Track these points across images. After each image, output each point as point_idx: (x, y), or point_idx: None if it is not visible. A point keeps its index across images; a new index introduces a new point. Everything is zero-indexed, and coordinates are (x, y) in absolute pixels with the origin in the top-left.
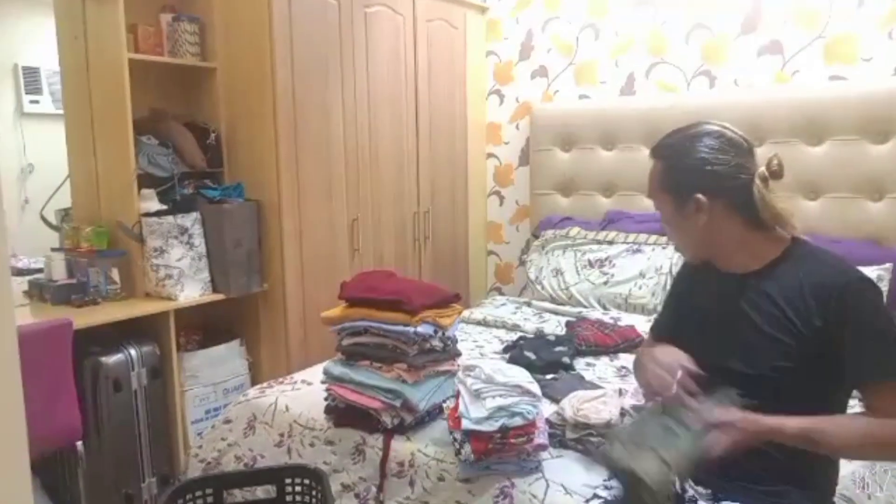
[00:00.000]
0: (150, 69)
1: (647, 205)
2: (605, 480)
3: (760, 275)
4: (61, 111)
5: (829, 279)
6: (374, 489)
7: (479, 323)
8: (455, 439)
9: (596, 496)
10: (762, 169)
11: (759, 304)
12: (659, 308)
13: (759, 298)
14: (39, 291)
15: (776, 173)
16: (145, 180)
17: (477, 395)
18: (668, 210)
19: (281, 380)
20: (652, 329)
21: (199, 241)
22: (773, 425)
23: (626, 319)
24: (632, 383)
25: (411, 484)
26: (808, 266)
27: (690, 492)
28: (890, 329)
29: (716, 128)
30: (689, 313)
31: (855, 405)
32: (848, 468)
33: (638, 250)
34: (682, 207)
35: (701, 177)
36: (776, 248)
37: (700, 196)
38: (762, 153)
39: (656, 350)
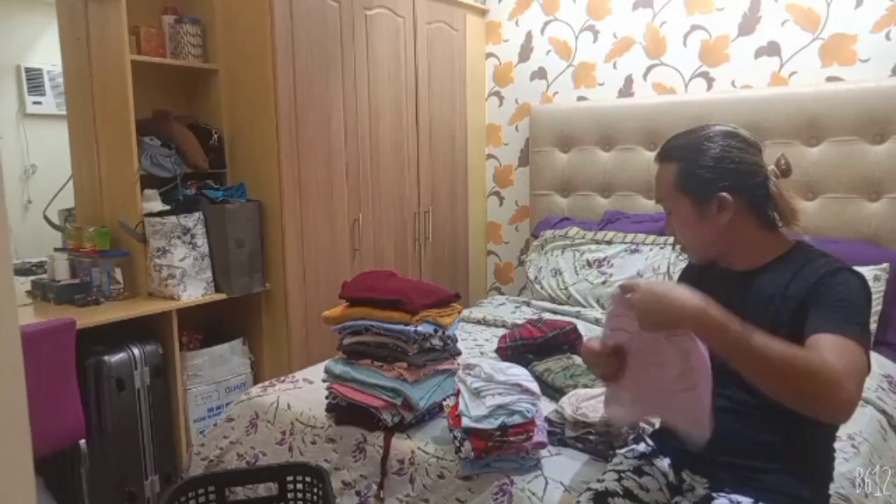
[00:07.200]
0: (152, 70)
1: (644, 205)
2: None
3: (763, 270)
4: (64, 112)
5: (816, 269)
6: (374, 486)
7: (478, 322)
8: (455, 437)
9: (588, 489)
10: (772, 167)
11: (757, 300)
12: None
13: (758, 294)
14: (43, 291)
15: (786, 171)
16: (148, 181)
17: (477, 394)
18: (684, 211)
19: (283, 378)
20: None
21: (201, 242)
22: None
23: None
24: None
25: (411, 481)
26: (804, 262)
27: (688, 481)
28: (851, 299)
29: (729, 128)
30: None
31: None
32: (846, 467)
33: (636, 250)
34: (703, 208)
35: (723, 175)
36: (781, 248)
37: (725, 195)
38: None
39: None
